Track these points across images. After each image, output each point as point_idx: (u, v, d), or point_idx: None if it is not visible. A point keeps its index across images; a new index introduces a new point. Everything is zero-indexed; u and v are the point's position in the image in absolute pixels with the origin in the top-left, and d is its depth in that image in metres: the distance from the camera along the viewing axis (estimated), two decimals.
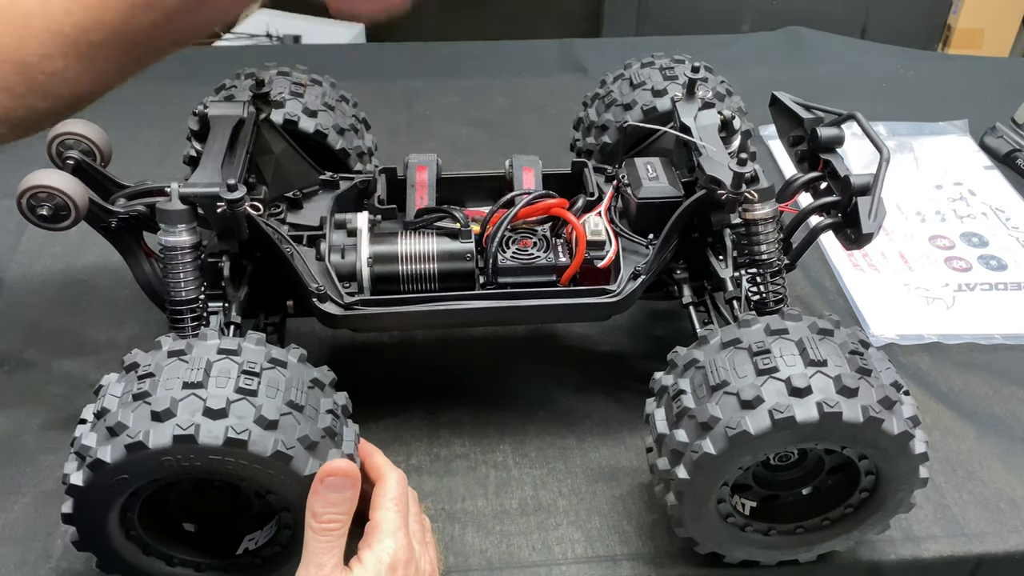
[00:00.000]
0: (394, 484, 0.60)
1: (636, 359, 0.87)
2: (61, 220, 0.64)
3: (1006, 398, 0.84)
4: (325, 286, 0.69)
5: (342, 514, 0.55)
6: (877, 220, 0.69)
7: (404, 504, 0.59)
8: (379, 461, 0.62)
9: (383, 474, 0.61)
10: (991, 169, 1.15)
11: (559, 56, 1.40)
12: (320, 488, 0.55)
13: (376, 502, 0.59)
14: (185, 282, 0.66)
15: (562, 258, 0.73)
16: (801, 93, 0.78)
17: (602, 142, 0.87)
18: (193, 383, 0.54)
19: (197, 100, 0.79)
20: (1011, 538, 0.72)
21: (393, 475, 0.61)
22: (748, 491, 0.65)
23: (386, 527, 0.57)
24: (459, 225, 0.73)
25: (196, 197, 0.64)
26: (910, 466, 0.60)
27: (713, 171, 0.69)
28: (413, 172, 0.78)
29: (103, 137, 0.71)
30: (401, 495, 0.60)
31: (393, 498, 0.59)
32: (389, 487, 0.60)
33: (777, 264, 0.71)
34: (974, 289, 0.96)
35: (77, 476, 0.54)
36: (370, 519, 0.58)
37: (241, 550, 0.63)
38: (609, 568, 0.69)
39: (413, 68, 1.34)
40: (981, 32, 2.35)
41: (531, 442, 0.78)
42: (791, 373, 0.57)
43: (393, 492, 0.59)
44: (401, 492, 0.60)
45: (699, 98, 0.76)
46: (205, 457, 0.53)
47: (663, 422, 0.62)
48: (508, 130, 1.22)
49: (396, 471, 0.61)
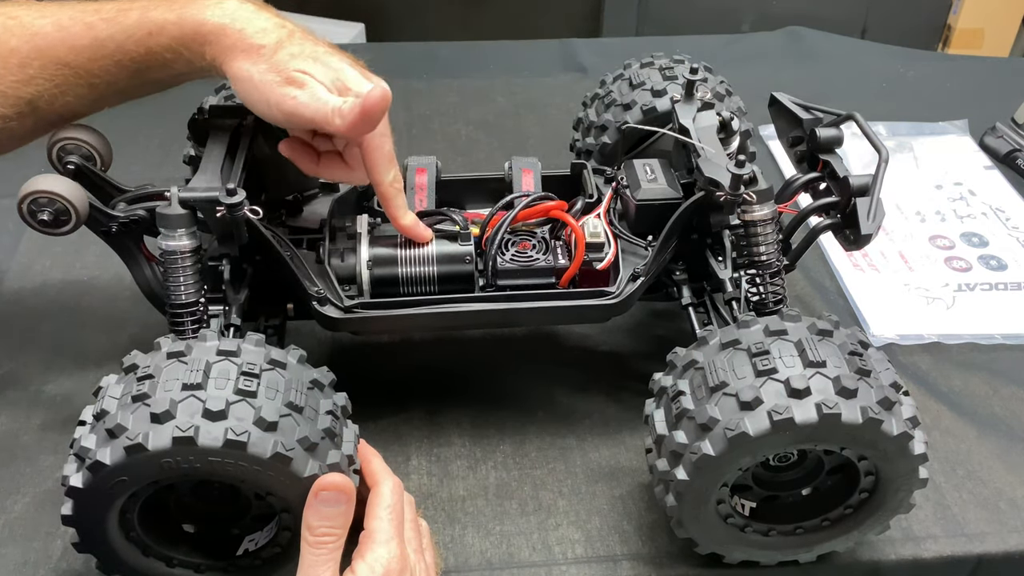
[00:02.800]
0: (388, 492, 0.59)
1: (636, 359, 0.87)
2: (62, 225, 0.64)
3: (1006, 398, 0.84)
4: (325, 289, 0.70)
5: (336, 527, 0.55)
6: (876, 221, 0.69)
7: (399, 512, 0.59)
8: (376, 467, 0.62)
9: (378, 481, 0.60)
10: (991, 169, 1.15)
11: (559, 56, 1.40)
12: (314, 502, 0.55)
13: (370, 511, 0.58)
14: (185, 286, 0.66)
15: (561, 260, 0.73)
16: (801, 93, 0.78)
17: (601, 143, 0.87)
18: (192, 384, 0.54)
19: (197, 100, 0.79)
20: (1011, 538, 0.72)
21: (388, 482, 0.60)
22: (748, 492, 0.65)
23: (379, 536, 0.57)
24: (458, 227, 0.73)
25: (196, 201, 0.65)
26: (910, 467, 0.60)
27: (711, 173, 0.69)
28: (412, 175, 0.78)
29: (103, 142, 0.71)
30: (396, 503, 0.59)
31: (387, 506, 0.58)
32: (383, 495, 0.59)
33: (776, 265, 0.71)
34: (974, 289, 0.96)
35: (77, 478, 0.54)
36: (364, 528, 0.58)
37: (241, 551, 0.63)
38: (609, 568, 0.69)
39: (413, 68, 1.34)
40: (981, 32, 2.34)
41: (531, 442, 0.78)
42: (790, 374, 0.57)
43: (387, 500, 0.59)
44: (396, 500, 0.59)
45: (698, 99, 0.76)
46: (204, 459, 0.53)
47: (662, 423, 0.62)
48: (508, 130, 1.22)
49: (391, 478, 0.61)
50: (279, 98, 0.63)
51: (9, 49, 0.66)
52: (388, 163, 0.68)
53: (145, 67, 0.67)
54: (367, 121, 0.62)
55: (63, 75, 0.66)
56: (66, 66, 0.66)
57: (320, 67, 0.64)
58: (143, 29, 0.65)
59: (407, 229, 0.71)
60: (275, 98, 0.63)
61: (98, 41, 0.66)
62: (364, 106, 0.61)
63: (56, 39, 0.66)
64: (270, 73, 0.63)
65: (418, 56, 1.39)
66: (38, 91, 0.67)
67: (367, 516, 0.58)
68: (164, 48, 0.65)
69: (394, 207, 0.70)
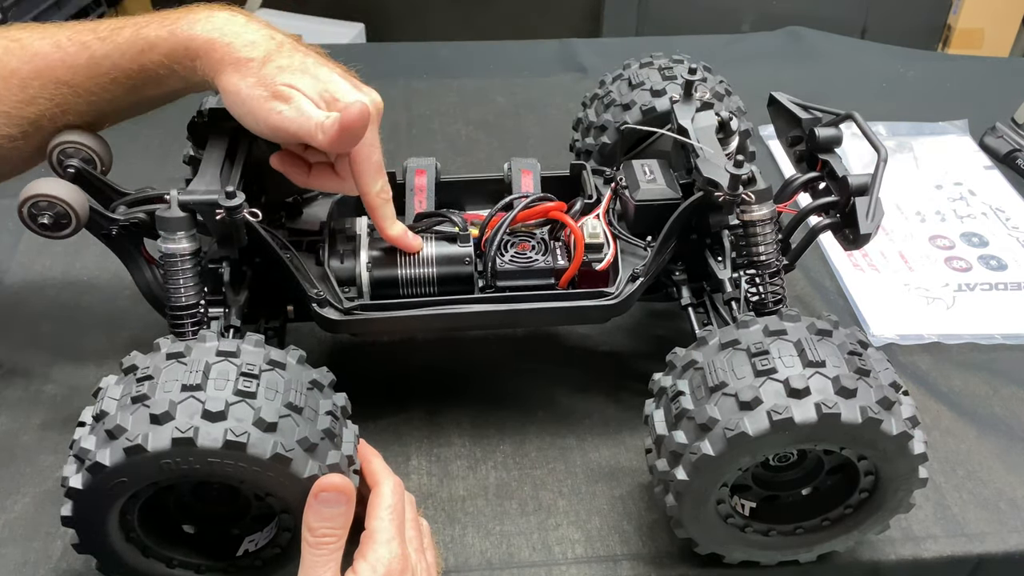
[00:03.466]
0: (388, 492, 0.59)
1: (636, 359, 0.87)
2: (62, 228, 0.64)
3: (1006, 398, 0.84)
4: (324, 291, 0.70)
5: (337, 528, 0.56)
6: (875, 220, 0.69)
7: (400, 512, 0.59)
8: (376, 467, 0.62)
9: (379, 481, 0.60)
10: (991, 169, 1.15)
11: (559, 56, 1.40)
12: (314, 503, 0.55)
13: (371, 511, 0.59)
14: (185, 288, 0.66)
15: (560, 261, 0.73)
16: (801, 93, 0.78)
17: (601, 142, 0.87)
18: (192, 385, 0.54)
19: (197, 100, 0.79)
20: (1011, 538, 0.72)
21: (388, 482, 0.60)
22: (748, 492, 0.65)
23: (380, 536, 0.57)
24: (458, 229, 0.73)
25: (195, 204, 0.65)
26: (909, 466, 0.60)
27: (710, 173, 0.69)
28: (412, 176, 0.78)
29: (103, 145, 0.71)
30: (396, 503, 0.59)
31: (388, 506, 0.59)
32: (384, 495, 0.59)
33: (776, 265, 0.71)
34: (974, 289, 0.96)
35: (76, 479, 0.54)
36: (365, 528, 0.58)
37: (241, 552, 0.63)
38: (609, 568, 0.69)
39: (413, 68, 1.34)
40: (981, 32, 2.34)
41: (531, 442, 0.78)
42: (789, 374, 0.57)
43: (388, 500, 0.59)
44: (397, 500, 0.59)
45: (697, 99, 0.76)
46: (204, 460, 0.53)
47: (662, 423, 0.62)
48: (508, 130, 1.22)
49: (392, 478, 0.61)
50: (266, 113, 0.64)
51: (10, 70, 0.67)
52: (375, 174, 0.68)
53: (141, 84, 0.68)
54: (347, 136, 0.62)
55: (63, 94, 0.67)
56: (65, 85, 0.67)
57: (308, 79, 0.65)
58: (136, 47, 0.66)
59: (395, 240, 0.71)
60: (262, 113, 0.64)
61: (94, 60, 0.67)
62: (343, 122, 0.62)
63: (55, 59, 0.67)
64: (257, 87, 0.64)
65: (418, 56, 1.39)
66: (40, 111, 0.68)
67: (368, 516, 0.59)
68: (157, 64, 0.66)
69: (380, 217, 0.70)
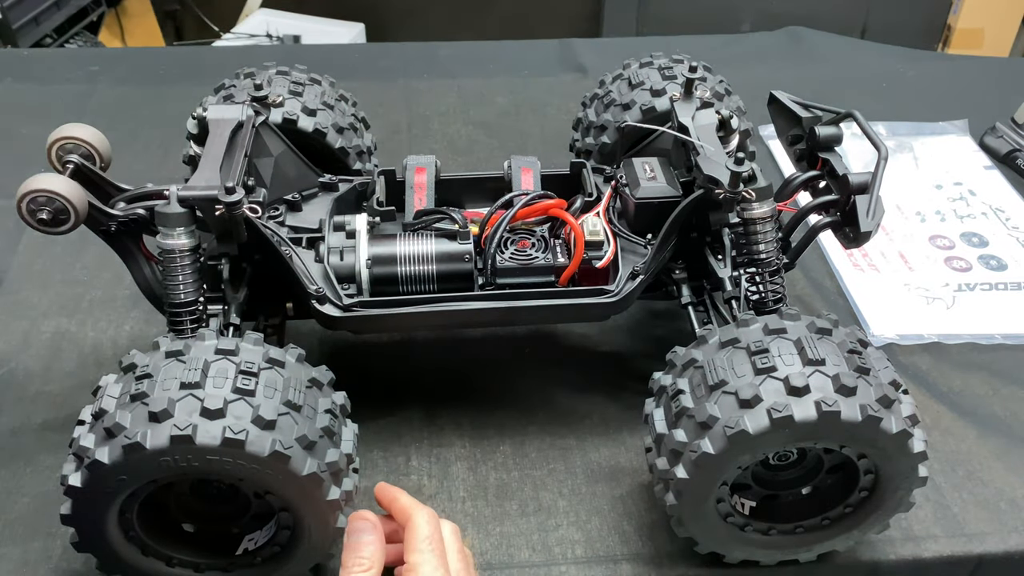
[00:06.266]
0: (423, 522, 0.59)
1: (636, 359, 0.87)
2: (61, 224, 0.64)
3: (1006, 398, 0.84)
4: (324, 288, 0.69)
5: (364, 557, 0.56)
6: (875, 219, 0.69)
7: (438, 541, 0.58)
8: (405, 503, 0.61)
9: (410, 515, 0.59)
10: (991, 169, 1.15)
11: (559, 56, 1.40)
12: (346, 540, 0.57)
13: (409, 544, 0.58)
14: (184, 285, 0.66)
15: (560, 258, 0.73)
16: (801, 93, 0.78)
17: (601, 142, 0.87)
18: (190, 383, 0.54)
19: (197, 100, 0.79)
20: (1011, 538, 0.72)
21: (422, 514, 0.59)
22: (747, 491, 0.65)
23: (424, 569, 0.56)
24: (458, 226, 0.73)
25: (194, 200, 0.65)
26: (909, 465, 0.60)
27: (710, 170, 0.69)
28: (412, 174, 0.78)
29: (103, 141, 0.71)
30: (433, 532, 0.58)
31: (426, 537, 0.58)
32: (419, 526, 0.58)
33: (776, 263, 0.71)
34: (974, 289, 0.96)
35: (75, 477, 0.54)
36: (405, 562, 0.57)
37: (240, 550, 0.63)
38: (609, 568, 0.69)
39: (413, 68, 1.34)
40: (981, 32, 2.34)
41: (531, 442, 0.78)
42: (789, 372, 0.57)
43: (425, 532, 0.58)
44: (433, 529, 0.58)
45: (697, 98, 0.76)
46: (203, 457, 0.53)
47: (662, 422, 0.62)
48: (508, 130, 1.22)
49: (424, 510, 0.60)
50: None
51: None
52: None
53: None
54: None
55: None
56: None
57: None
58: None
59: None
60: None
61: None
62: None
63: None
64: None
65: (418, 56, 1.39)
66: None
67: (406, 550, 0.58)
68: None
69: None
